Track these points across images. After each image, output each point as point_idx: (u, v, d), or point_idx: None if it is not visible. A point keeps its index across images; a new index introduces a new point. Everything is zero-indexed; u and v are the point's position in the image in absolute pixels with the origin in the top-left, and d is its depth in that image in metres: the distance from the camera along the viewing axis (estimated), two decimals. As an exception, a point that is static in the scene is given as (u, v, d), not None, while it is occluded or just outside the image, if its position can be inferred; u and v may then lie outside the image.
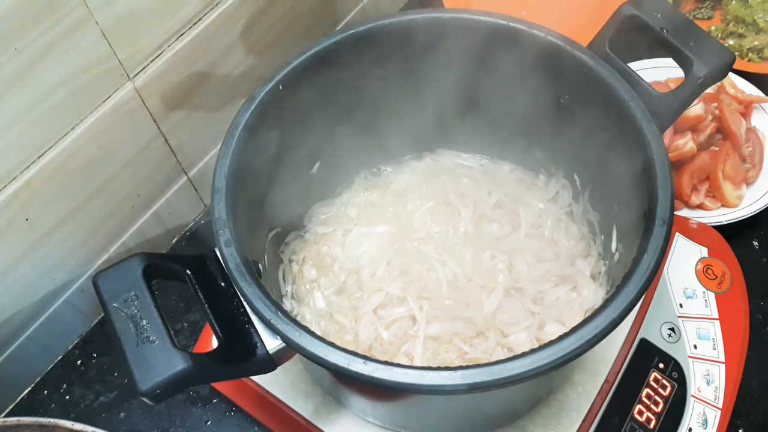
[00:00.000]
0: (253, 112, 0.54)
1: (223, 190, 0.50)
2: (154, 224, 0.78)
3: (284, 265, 0.67)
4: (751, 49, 0.91)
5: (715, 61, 0.51)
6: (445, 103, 0.67)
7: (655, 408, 0.61)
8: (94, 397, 0.71)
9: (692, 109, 0.79)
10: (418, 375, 0.41)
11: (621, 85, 0.53)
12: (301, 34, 0.83)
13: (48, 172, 0.61)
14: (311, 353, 0.43)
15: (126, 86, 0.64)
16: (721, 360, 0.64)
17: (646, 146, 0.50)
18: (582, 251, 0.66)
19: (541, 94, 0.61)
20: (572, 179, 0.67)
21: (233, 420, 0.68)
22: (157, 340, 0.42)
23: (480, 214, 0.69)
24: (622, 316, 0.43)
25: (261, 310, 0.45)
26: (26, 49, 0.54)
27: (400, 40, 0.59)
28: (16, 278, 0.65)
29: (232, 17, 0.72)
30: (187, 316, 0.75)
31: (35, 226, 0.64)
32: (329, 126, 0.64)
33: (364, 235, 0.68)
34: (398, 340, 0.61)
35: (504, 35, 0.58)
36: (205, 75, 0.73)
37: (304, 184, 0.67)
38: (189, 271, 0.48)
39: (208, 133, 0.78)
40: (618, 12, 0.55)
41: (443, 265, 0.65)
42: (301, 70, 0.57)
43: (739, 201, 0.78)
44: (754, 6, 0.94)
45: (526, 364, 0.41)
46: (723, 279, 0.69)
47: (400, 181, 0.73)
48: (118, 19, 0.60)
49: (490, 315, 0.61)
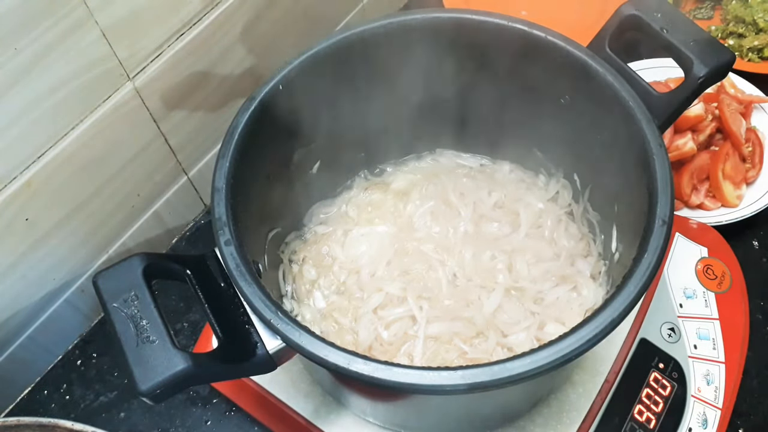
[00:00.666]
0: (253, 112, 0.54)
1: (223, 190, 0.50)
2: (154, 224, 0.78)
3: (284, 265, 0.67)
4: (751, 49, 0.91)
5: (715, 61, 0.51)
6: (445, 103, 0.67)
7: (655, 408, 0.61)
8: (94, 397, 0.71)
9: (692, 109, 0.79)
10: (418, 375, 0.41)
11: (621, 85, 0.53)
12: (301, 34, 0.83)
13: (48, 172, 0.61)
14: (311, 353, 0.43)
15: (126, 86, 0.64)
16: (721, 360, 0.64)
17: (646, 146, 0.50)
18: (582, 251, 0.66)
19: (541, 94, 0.61)
20: (572, 179, 0.67)
21: (233, 420, 0.68)
22: (157, 340, 0.42)
23: (480, 214, 0.69)
24: (622, 316, 0.43)
25: (261, 310, 0.45)
26: (26, 49, 0.54)
27: (400, 40, 0.59)
28: (16, 278, 0.65)
29: (232, 17, 0.72)
30: (187, 316, 0.75)
31: (35, 226, 0.64)
32: (329, 126, 0.64)
33: (364, 235, 0.69)
34: (398, 340, 0.61)
35: (504, 35, 0.58)
36: (205, 75, 0.73)
37: (304, 184, 0.67)
38: (189, 271, 0.48)
39: (208, 133, 0.78)
40: (618, 12, 0.55)
41: (443, 265, 0.65)
42: (301, 70, 0.57)
43: (739, 201, 0.78)
44: (753, 6, 0.94)
45: (526, 364, 0.41)
46: (723, 279, 0.69)
47: (400, 181, 0.73)
48: (118, 19, 0.60)
49: (490, 315, 0.61)
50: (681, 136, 0.79)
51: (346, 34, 0.58)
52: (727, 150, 0.79)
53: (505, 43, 0.58)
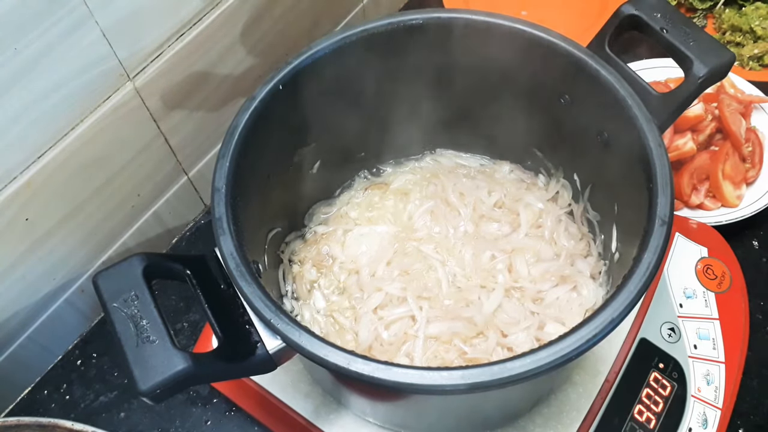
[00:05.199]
0: (253, 111, 0.54)
1: (223, 190, 0.50)
2: (154, 224, 0.78)
3: (284, 265, 0.67)
4: (752, 58, 0.90)
5: (715, 60, 0.51)
6: (444, 103, 0.67)
7: (655, 408, 0.61)
8: (94, 397, 0.71)
9: (692, 109, 0.79)
10: (418, 375, 0.41)
11: (621, 85, 0.53)
12: (301, 34, 0.83)
13: (48, 172, 0.61)
14: (311, 353, 0.43)
15: (126, 86, 0.64)
16: (721, 360, 0.64)
17: (646, 146, 0.50)
18: (582, 251, 0.66)
19: (541, 94, 0.61)
20: (572, 179, 0.67)
21: (233, 420, 0.68)
22: (157, 340, 0.42)
23: (480, 214, 0.69)
24: (622, 316, 0.43)
25: (261, 310, 0.45)
26: (26, 49, 0.54)
27: (401, 40, 0.59)
28: (15, 278, 0.65)
29: (232, 17, 0.72)
30: (187, 316, 0.75)
31: (35, 226, 0.64)
32: (329, 126, 0.64)
33: (364, 235, 0.69)
34: (398, 340, 0.61)
35: (504, 35, 0.58)
36: (205, 75, 0.73)
37: (304, 184, 0.67)
38: (189, 271, 0.48)
39: (208, 133, 0.78)
40: (618, 12, 0.55)
41: (443, 265, 0.65)
42: (301, 70, 0.57)
43: (739, 201, 0.78)
44: (749, 14, 0.93)
45: (526, 364, 0.41)
46: (723, 279, 0.69)
47: (400, 181, 0.73)
48: (118, 19, 0.60)
49: (490, 315, 0.61)
50: (681, 136, 0.79)
51: (346, 34, 0.58)
52: (727, 150, 0.79)
53: (506, 43, 0.58)
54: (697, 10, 0.99)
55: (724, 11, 0.96)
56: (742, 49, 0.92)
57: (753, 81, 0.87)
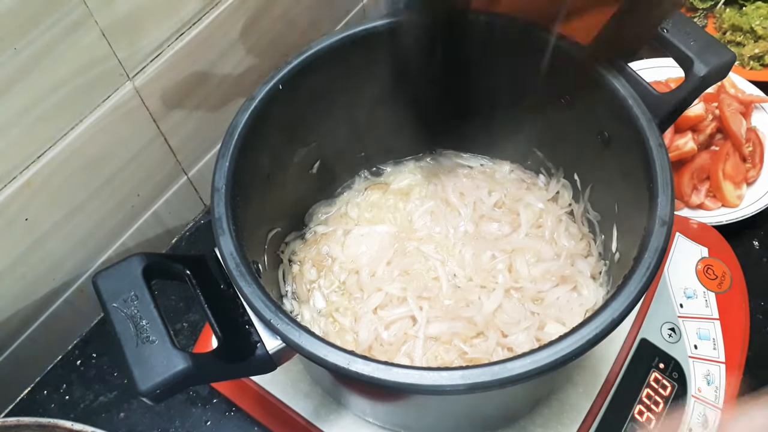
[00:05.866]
0: (253, 111, 0.54)
1: (223, 190, 0.50)
2: (154, 224, 0.78)
3: (284, 265, 0.67)
4: (752, 57, 0.90)
5: (716, 60, 0.51)
6: (444, 103, 0.67)
7: (655, 408, 0.61)
8: (93, 397, 0.71)
9: (692, 109, 0.79)
10: (418, 375, 0.41)
11: (621, 85, 0.53)
12: (301, 34, 0.83)
13: (48, 172, 0.61)
14: (311, 353, 0.43)
15: (126, 86, 0.64)
16: (722, 360, 0.64)
17: (646, 146, 0.50)
18: (582, 251, 0.66)
19: (541, 93, 0.61)
20: (572, 179, 0.67)
21: (233, 420, 0.68)
22: (157, 340, 0.42)
23: (480, 214, 0.69)
24: (622, 316, 0.43)
25: (261, 310, 0.45)
26: (26, 49, 0.54)
27: (400, 40, 0.59)
28: (15, 278, 0.65)
29: (232, 17, 0.72)
30: (187, 316, 0.75)
31: (35, 226, 0.64)
32: (329, 126, 0.64)
33: (364, 235, 0.68)
34: (398, 341, 0.61)
35: (504, 35, 0.58)
36: (205, 75, 0.73)
37: (304, 184, 0.67)
38: (189, 271, 0.48)
39: (208, 133, 0.78)
40: (618, 12, 0.55)
41: (443, 265, 0.65)
42: (301, 70, 0.57)
43: (739, 201, 0.78)
44: (749, 13, 0.93)
45: (526, 364, 0.41)
46: (723, 279, 0.69)
47: (400, 181, 0.73)
48: (118, 19, 0.60)
49: (490, 315, 0.61)
50: (681, 135, 0.79)
51: (347, 33, 0.58)
52: (728, 150, 0.79)
53: (506, 43, 0.58)
54: (697, 10, 0.99)
55: (725, 11, 0.96)
56: (743, 49, 0.92)
57: (753, 81, 0.86)
